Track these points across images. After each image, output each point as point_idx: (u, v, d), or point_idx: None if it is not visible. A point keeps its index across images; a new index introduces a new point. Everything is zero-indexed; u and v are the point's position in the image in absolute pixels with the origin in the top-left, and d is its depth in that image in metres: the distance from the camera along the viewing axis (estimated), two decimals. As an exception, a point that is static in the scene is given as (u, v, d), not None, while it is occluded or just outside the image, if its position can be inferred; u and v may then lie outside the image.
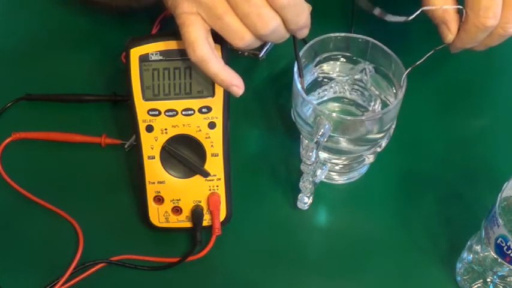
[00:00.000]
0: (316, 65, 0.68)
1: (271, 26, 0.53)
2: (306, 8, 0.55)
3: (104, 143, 0.71)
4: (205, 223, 0.64)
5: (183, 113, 0.60)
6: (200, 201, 0.64)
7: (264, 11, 0.53)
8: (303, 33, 0.57)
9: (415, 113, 0.74)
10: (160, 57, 0.58)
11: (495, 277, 0.59)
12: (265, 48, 0.79)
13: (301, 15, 0.54)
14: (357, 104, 0.69)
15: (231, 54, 0.59)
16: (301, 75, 0.63)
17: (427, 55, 0.60)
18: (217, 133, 0.61)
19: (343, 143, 0.63)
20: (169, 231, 0.66)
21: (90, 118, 0.74)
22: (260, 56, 0.78)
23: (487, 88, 0.79)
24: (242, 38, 0.54)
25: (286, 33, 0.55)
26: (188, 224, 0.65)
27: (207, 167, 0.63)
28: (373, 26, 0.79)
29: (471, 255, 0.61)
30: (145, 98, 0.60)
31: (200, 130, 0.61)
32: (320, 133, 0.60)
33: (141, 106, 0.60)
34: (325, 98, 0.69)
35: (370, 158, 0.67)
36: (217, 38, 0.59)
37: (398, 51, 0.64)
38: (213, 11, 0.53)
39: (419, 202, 0.68)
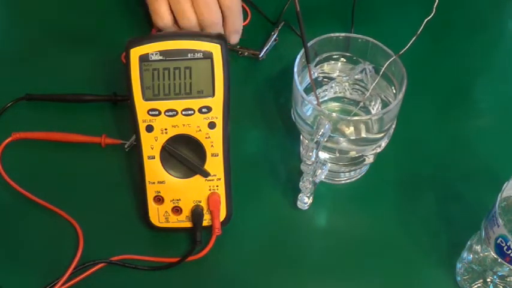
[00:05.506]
0: (316, 65, 0.68)
1: (215, 19, 0.69)
2: (242, 17, 0.71)
3: (104, 143, 0.71)
4: (205, 223, 0.64)
5: (183, 113, 0.60)
6: (200, 201, 0.64)
7: (213, 8, 0.68)
8: (235, 37, 0.72)
9: (415, 113, 0.74)
10: (160, 57, 0.58)
11: (495, 277, 0.59)
12: (265, 48, 0.79)
13: (238, 20, 0.71)
14: (357, 103, 0.69)
15: (230, 54, 0.59)
16: (308, 61, 0.63)
17: (410, 42, 0.60)
18: (217, 133, 0.61)
19: (343, 143, 0.63)
20: (169, 231, 0.66)
21: (90, 118, 0.74)
22: (260, 56, 0.79)
23: (486, 88, 0.79)
24: (189, 22, 0.68)
25: (222, 30, 0.70)
26: (188, 224, 0.65)
27: (207, 167, 0.63)
28: (373, 26, 0.80)
29: (471, 255, 0.61)
30: (145, 98, 0.60)
31: (200, 130, 0.61)
32: (320, 133, 0.60)
33: (141, 106, 0.60)
34: (325, 98, 0.70)
35: (370, 158, 0.67)
36: (217, 38, 0.59)
37: (398, 51, 0.64)
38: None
39: (419, 202, 0.68)
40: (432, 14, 0.59)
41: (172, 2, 0.69)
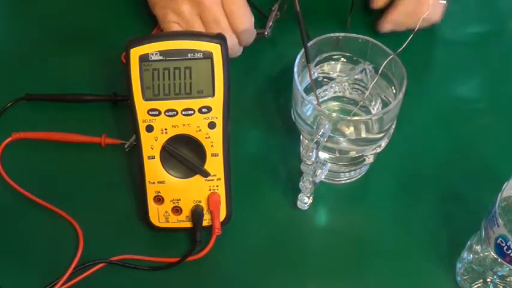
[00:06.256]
0: (316, 65, 0.68)
1: (230, 44, 0.68)
2: (255, 33, 0.77)
3: (104, 143, 0.71)
4: (205, 223, 0.64)
5: (183, 113, 0.60)
6: (200, 201, 0.64)
7: (227, 33, 0.73)
8: (248, 44, 0.78)
9: (415, 113, 0.74)
10: (160, 57, 0.58)
11: (495, 277, 0.59)
12: (269, 25, 0.79)
13: (251, 38, 0.77)
14: (357, 103, 0.69)
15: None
16: (308, 61, 0.64)
17: (408, 40, 0.60)
18: (217, 133, 0.61)
19: (343, 143, 0.63)
20: (169, 231, 0.66)
21: (90, 118, 0.74)
22: (266, 33, 0.79)
23: (486, 88, 0.79)
24: None
25: (240, 50, 0.77)
26: (188, 224, 0.65)
27: (207, 167, 0.63)
28: (373, 26, 0.80)
29: (471, 255, 0.61)
30: (145, 98, 0.60)
31: (200, 130, 0.61)
32: (320, 133, 0.60)
33: (141, 106, 0.60)
34: (325, 98, 0.70)
35: (370, 158, 0.67)
36: (217, 38, 0.59)
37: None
38: (191, 26, 0.73)
39: (419, 202, 0.68)
40: (428, 11, 0.59)
41: (185, 27, 0.74)
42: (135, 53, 0.58)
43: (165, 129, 0.61)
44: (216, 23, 0.73)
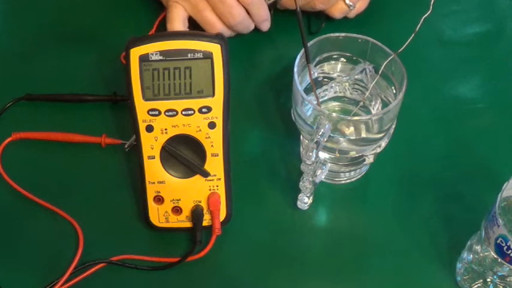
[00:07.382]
0: (316, 65, 0.68)
1: (239, 19, 0.74)
2: (266, 5, 0.76)
3: (104, 143, 0.71)
4: (205, 223, 0.64)
5: (183, 113, 0.60)
6: (200, 201, 0.64)
7: (235, 10, 0.73)
8: (265, 25, 0.78)
9: (415, 113, 0.74)
10: (160, 57, 0.58)
11: (495, 277, 0.59)
12: None
13: (262, 10, 0.76)
14: (358, 103, 0.69)
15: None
16: (308, 61, 0.64)
17: (408, 41, 0.60)
18: (217, 133, 0.61)
19: (343, 143, 0.63)
20: (169, 231, 0.66)
21: (90, 118, 0.74)
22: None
23: (486, 88, 0.79)
24: (215, 29, 0.74)
25: (251, 23, 0.76)
26: (188, 224, 0.65)
27: (207, 167, 0.63)
28: (373, 26, 0.80)
29: (471, 255, 0.61)
30: (145, 98, 0.60)
31: (200, 130, 0.61)
32: (320, 133, 0.60)
33: (141, 106, 0.60)
34: (325, 98, 0.70)
35: (370, 158, 0.67)
36: (217, 38, 0.59)
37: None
38: (196, 7, 0.74)
39: (419, 202, 0.68)
40: (429, 12, 0.59)
41: (193, 14, 0.75)
42: (135, 53, 0.58)
43: (165, 129, 0.61)
44: (222, 2, 0.73)
